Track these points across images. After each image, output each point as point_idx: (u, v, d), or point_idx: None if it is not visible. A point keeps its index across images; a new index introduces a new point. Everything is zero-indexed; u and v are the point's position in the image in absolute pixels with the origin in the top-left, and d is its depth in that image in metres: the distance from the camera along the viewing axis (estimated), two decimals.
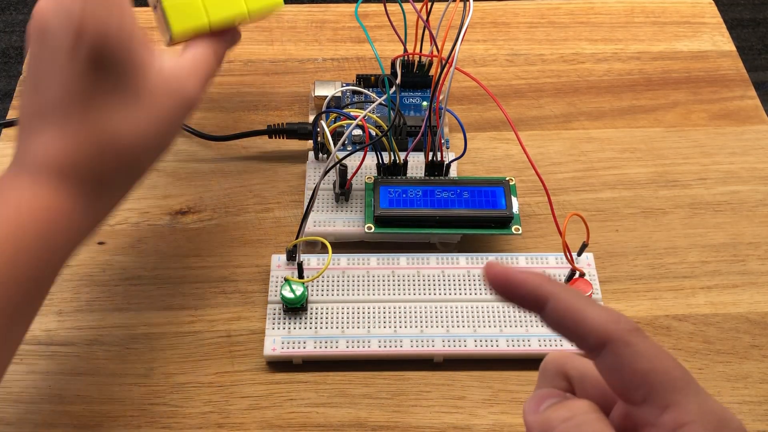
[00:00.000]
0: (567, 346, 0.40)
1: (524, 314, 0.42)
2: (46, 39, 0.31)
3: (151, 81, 0.33)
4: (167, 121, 0.34)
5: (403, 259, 0.44)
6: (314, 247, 0.45)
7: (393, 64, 0.47)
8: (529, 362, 0.41)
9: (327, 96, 0.47)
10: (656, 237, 0.47)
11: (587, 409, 0.23)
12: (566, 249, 0.42)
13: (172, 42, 0.39)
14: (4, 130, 0.52)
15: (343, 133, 0.48)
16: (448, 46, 0.41)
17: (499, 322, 0.42)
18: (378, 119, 0.44)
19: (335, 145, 0.47)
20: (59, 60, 0.31)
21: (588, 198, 0.49)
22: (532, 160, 0.43)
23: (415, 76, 0.51)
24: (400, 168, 0.46)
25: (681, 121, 0.53)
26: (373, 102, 0.46)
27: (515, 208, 0.44)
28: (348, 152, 0.44)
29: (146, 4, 0.39)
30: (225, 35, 0.39)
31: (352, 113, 0.44)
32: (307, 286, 0.42)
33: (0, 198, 0.31)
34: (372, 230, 0.44)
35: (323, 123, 0.44)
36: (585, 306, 0.23)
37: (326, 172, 0.42)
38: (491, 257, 0.44)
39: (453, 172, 0.48)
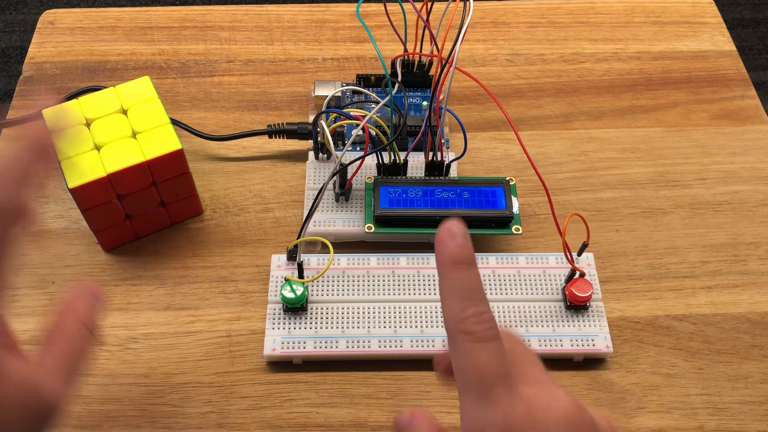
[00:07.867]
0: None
1: (524, 314, 0.42)
2: None
3: None
4: None
5: (403, 259, 0.44)
6: (314, 247, 0.45)
7: (393, 64, 0.47)
8: None
9: (327, 96, 0.47)
10: (656, 237, 0.47)
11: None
12: (566, 249, 0.41)
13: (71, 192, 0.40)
14: (4, 130, 0.52)
15: (342, 133, 0.48)
16: (448, 46, 0.41)
17: (499, 321, 0.42)
18: (378, 119, 0.44)
19: (336, 145, 0.47)
20: None
21: (588, 198, 0.49)
22: (532, 160, 0.43)
23: (415, 76, 0.51)
24: (400, 168, 0.46)
25: (681, 121, 0.53)
26: (373, 101, 0.46)
27: (515, 208, 0.44)
28: (358, 156, 0.44)
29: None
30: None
31: (352, 113, 0.44)
32: (307, 286, 0.42)
33: None
34: (372, 230, 0.44)
35: (323, 123, 0.44)
36: (445, 299, 0.25)
37: (334, 174, 0.42)
38: (491, 257, 0.44)
39: (453, 172, 0.47)
